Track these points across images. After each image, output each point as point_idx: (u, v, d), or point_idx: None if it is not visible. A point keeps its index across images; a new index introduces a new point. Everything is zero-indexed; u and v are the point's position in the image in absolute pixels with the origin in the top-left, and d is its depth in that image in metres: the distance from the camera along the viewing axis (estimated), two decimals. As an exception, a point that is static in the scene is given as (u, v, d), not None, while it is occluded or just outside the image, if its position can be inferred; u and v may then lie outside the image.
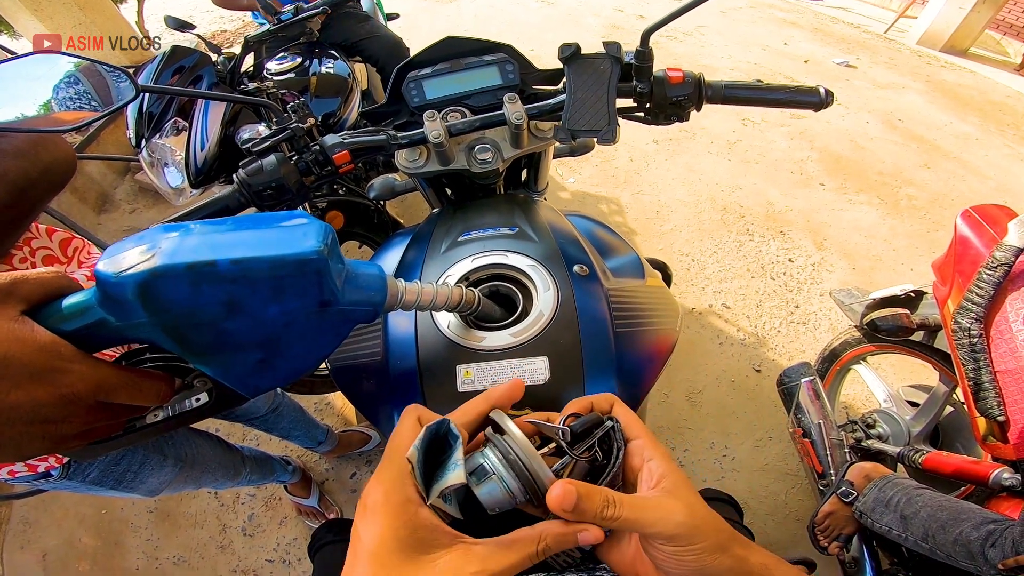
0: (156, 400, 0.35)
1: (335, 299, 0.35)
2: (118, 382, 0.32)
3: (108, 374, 0.31)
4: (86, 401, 0.30)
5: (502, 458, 0.35)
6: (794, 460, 1.74)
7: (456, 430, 0.35)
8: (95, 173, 2.88)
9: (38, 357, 0.28)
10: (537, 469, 0.34)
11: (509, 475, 0.35)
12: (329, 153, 0.69)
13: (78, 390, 0.30)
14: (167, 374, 0.36)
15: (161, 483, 1.00)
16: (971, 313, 0.99)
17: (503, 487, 0.35)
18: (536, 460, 0.34)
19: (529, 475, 0.34)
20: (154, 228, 0.33)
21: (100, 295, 0.30)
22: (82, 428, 0.31)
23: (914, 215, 2.64)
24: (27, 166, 0.62)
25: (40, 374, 0.28)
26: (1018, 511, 0.82)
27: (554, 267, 0.59)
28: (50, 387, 0.28)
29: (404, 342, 0.56)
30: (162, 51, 1.40)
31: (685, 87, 0.71)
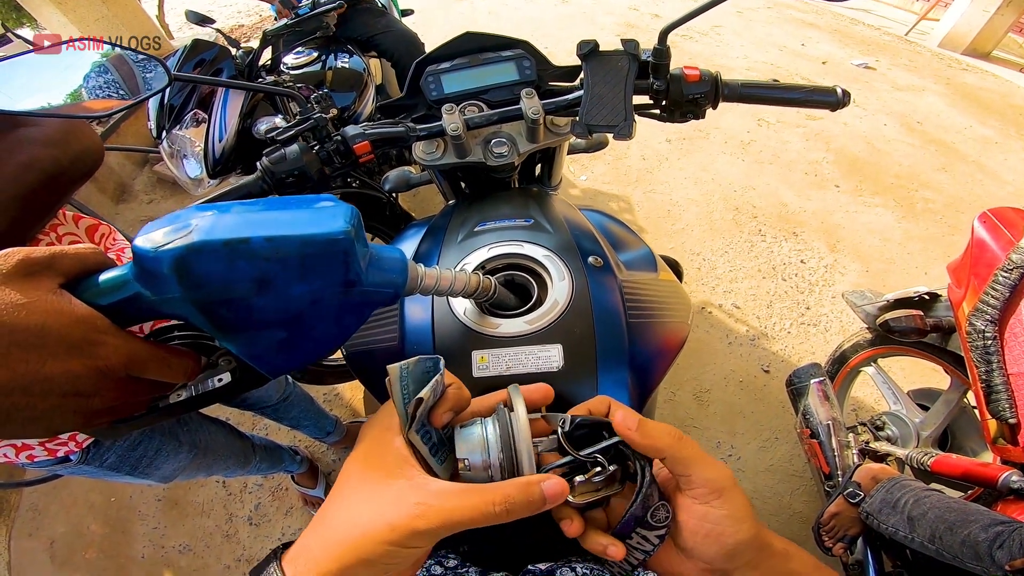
0: (183, 377, 0.36)
1: (359, 280, 0.36)
2: (149, 357, 0.33)
3: (140, 348, 0.32)
4: (118, 374, 0.31)
5: (497, 430, 0.35)
6: (799, 461, 1.74)
7: (441, 364, 0.36)
8: (114, 164, 2.93)
9: (75, 329, 0.29)
10: (523, 453, 0.34)
11: (496, 448, 0.35)
12: (350, 143, 0.71)
13: (111, 363, 0.30)
14: (194, 352, 0.37)
15: (175, 469, 1.01)
16: (986, 315, 0.99)
17: (484, 456, 0.35)
18: (527, 445, 0.34)
19: (514, 456, 0.34)
20: (189, 208, 0.35)
21: (137, 270, 0.31)
22: (111, 403, 0.32)
23: (930, 219, 2.61)
24: (58, 154, 0.64)
25: (76, 346, 0.29)
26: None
27: (569, 258, 0.60)
28: (85, 359, 0.29)
29: (420, 327, 0.57)
30: (184, 45, 1.43)
31: (702, 85, 0.71)
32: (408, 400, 0.34)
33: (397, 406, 0.34)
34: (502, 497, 0.30)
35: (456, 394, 0.37)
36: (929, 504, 0.94)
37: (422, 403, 0.34)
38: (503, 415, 0.36)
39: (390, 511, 0.29)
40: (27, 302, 0.28)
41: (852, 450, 1.28)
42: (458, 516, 0.29)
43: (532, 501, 0.31)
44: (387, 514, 0.29)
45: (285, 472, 1.60)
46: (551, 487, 0.31)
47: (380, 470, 0.32)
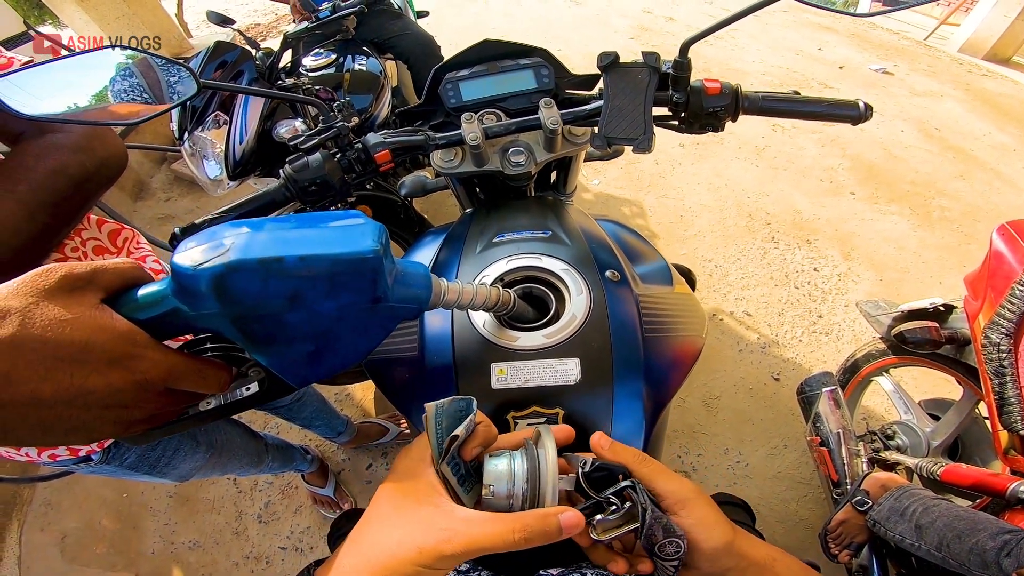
0: (217, 388, 0.37)
1: (385, 296, 0.37)
2: (186, 370, 0.34)
3: (178, 362, 0.34)
4: (156, 387, 0.32)
5: (524, 464, 0.37)
6: (807, 469, 1.73)
7: (474, 405, 0.38)
8: (133, 162, 2.97)
9: (117, 344, 0.30)
10: (548, 486, 0.36)
11: (522, 480, 0.37)
12: (371, 152, 0.72)
13: (151, 376, 0.32)
14: (227, 364, 0.38)
15: (192, 469, 1.03)
16: (1002, 328, 0.99)
17: (509, 487, 0.37)
18: (552, 480, 0.36)
19: (537, 489, 0.36)
20: (221, 225, 0.36)
21: (175, 286, 0.33)
22: (149, 413, 0.33)
23: (946, 227, 2.57)
24: (84, 160, 0.65)
25: (117, 360, 0.30)
26: None
27: (586, 271, 0.61)
28: (126, 373, 0.30)
29: (440, 338, 0.58)
30: (206, 47, 1.45)
31: (722, 98, 0.71)
32: (442, 436, 0.36)
33: (431, 440, 0.36)
34: (522, 526, 0.32)
35: (485, 431, 0.40)
36: (937, 512, 0.94)
37: (456, 440, 0.36)
38: (531, 450, 0.38)
39: (419, 535, 0.32)
40: (71, 318, 0.29)
41: (861, 459, 1.28)
42: (481, 542, 0.31)
43: (549, 531, 0.33)
44: (417, 538, 0.32)
45: (296, 471, 1.61)
46: (568, 519, 0.33)
47: (412, 498, 0.35)
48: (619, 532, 0.37)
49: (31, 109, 0.50)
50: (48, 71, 0.55)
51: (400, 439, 1.81)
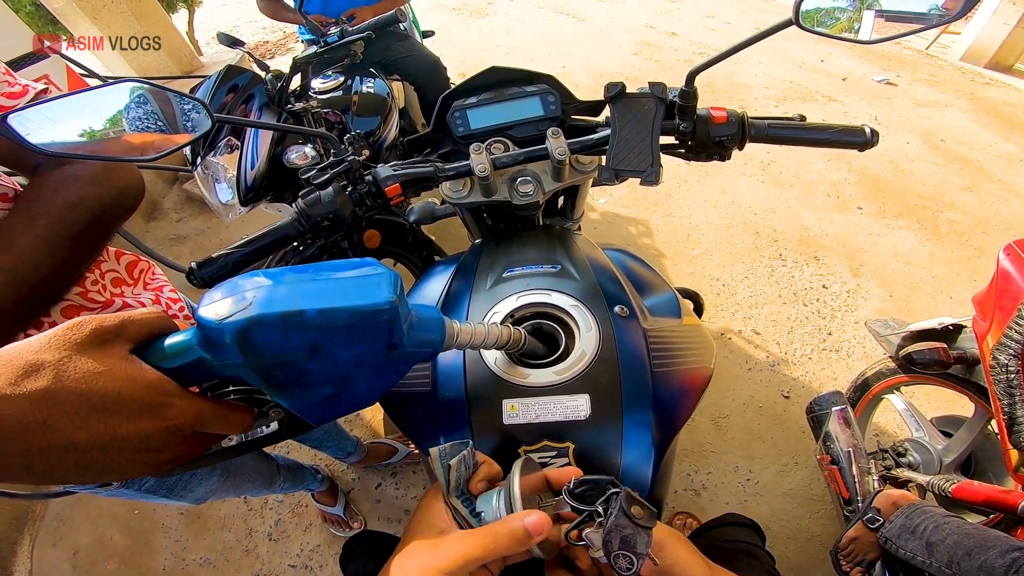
0: (240, 429, 0.39)
1: (401, 343, 0.39)
2: (212, 414, 0.36)
3: (204, 407, 0.35)
4: (185, 432, 0.34)
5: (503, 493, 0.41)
6: (818, 486, 1.72)
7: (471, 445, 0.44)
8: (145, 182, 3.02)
9: (147, 394, 0.32)
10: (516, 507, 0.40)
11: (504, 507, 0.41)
12: (382, 185, 0.73)
13: (179, 423, 0.33)
14: (249, 406, 0.40)
15: (208, 492, 1.04)
16: (1009, 350, 0.99)
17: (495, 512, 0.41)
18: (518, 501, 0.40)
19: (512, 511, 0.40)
20: (243, 276, 0.37)
21: (201, 337, 0.34)
22: (177, 455, 0.35)
23: (955, 241, 2.56)
24: (102, 192, 0.65)
25: (148, 409, 0.32)
26: None
27: (595, 307, 0.62)
28: (156, 420, 0.32)
29: (453, 375, 0.58)
30: (217, 71, 1.48)
31: (728, 127, 0.72)
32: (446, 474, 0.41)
33: (439, 478, 0.41)
34: (491, 532, 0.37)
35: (487, 469, 0.45)
36: (948, 530, 0.94)
37: (451, 470, 0.41)
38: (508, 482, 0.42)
39: (427, 558, 0.37)
40: (103, 370, 0.30)
41: (873, 476, 1.28)
42: (467, 553, 0.36)
43: (516, 534, 0.36)
44: (425, 560, 0.36)
45: (307, 490, 1.62)
46: (532, 521, 0.37)
47: (425, 529, 0.41)
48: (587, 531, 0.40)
49: (48, 144, 0.51)
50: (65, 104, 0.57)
51: (409, 459, 1.81)
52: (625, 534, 0.37)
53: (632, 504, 0.38)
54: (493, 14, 5.48)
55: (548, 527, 0.37)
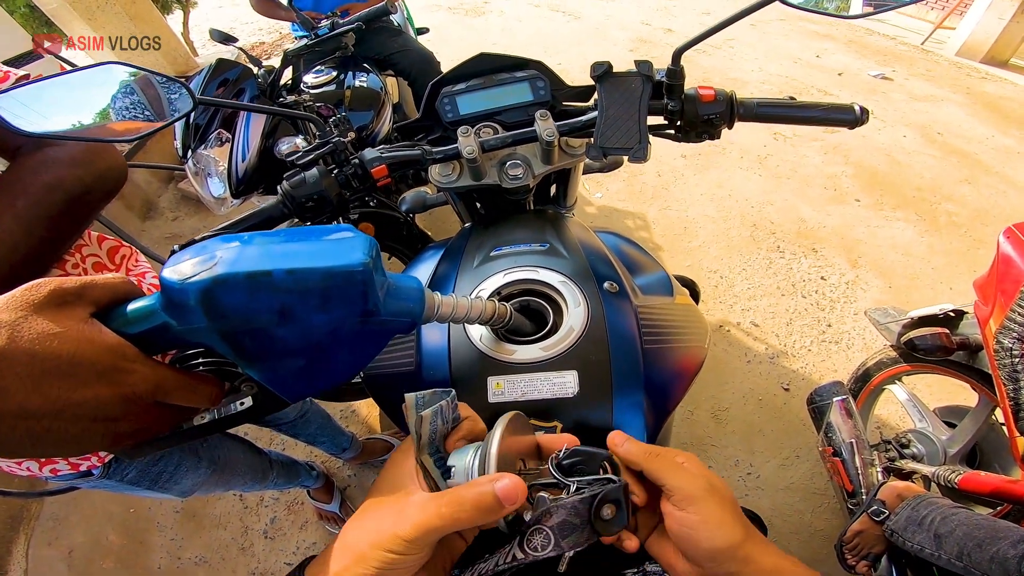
0: (208, 402, 0.37)
1: (377, 310, 0.37)
2: (175, 384, 0.34)
3: (167, 376, 0.33)
4: (145, 401, 0.32)
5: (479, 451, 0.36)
6: (821, 479, 1.70)
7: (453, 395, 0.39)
8: (141, 181, 3.01)
9: (105, 357, 0.30)
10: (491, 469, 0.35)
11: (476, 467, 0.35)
12: (368, 167, 0.72)
13: (139, 390, 0.32)
14: (218, 378, 0.38)
15: (194, 485, 1.02)
16: (1013, 333, 0.97)
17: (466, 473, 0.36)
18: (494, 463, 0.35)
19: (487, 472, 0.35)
20: (213, 239, 0.36)
21: (164, 301, 0.32)
22: (138, 427, 0.33)
23: (954, 232, 2.55)
24: (82, 174, 0.65)
25: (106, 373, 0.30)
26: None
27: (584, 283, 0.60)
28: (114, 386, 0.30)
29: (437, 353, 0.57)
30: (208, 64, 1.47)
31: (717, 105, 0.71)
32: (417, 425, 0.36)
33: (411, 429, 0.36)
34: (456, 499, 0.32)
35: (470, 425, 0.40)
36: (957, 521, 0.93)
37: (423, 421, 0.36)
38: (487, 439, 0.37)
39: (386, 522, 0.32)
40: (60, 331, 0.29)
41: (876, 468, 1.26)
42: (428, 521, 0.31)
43: (484, 501, 0.31)
44: (383, 524, 0.32)
45: (301, 487, 1.60)
46: (503, 486, 0.31)
47: (389, 488, 0.36)
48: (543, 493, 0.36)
49: (31, 126, 0.50)
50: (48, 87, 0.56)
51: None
52: (571, 522, 0.34)
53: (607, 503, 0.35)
54: (489, 13, 5.48)
55: (523, 496, 0.32)
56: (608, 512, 0.34)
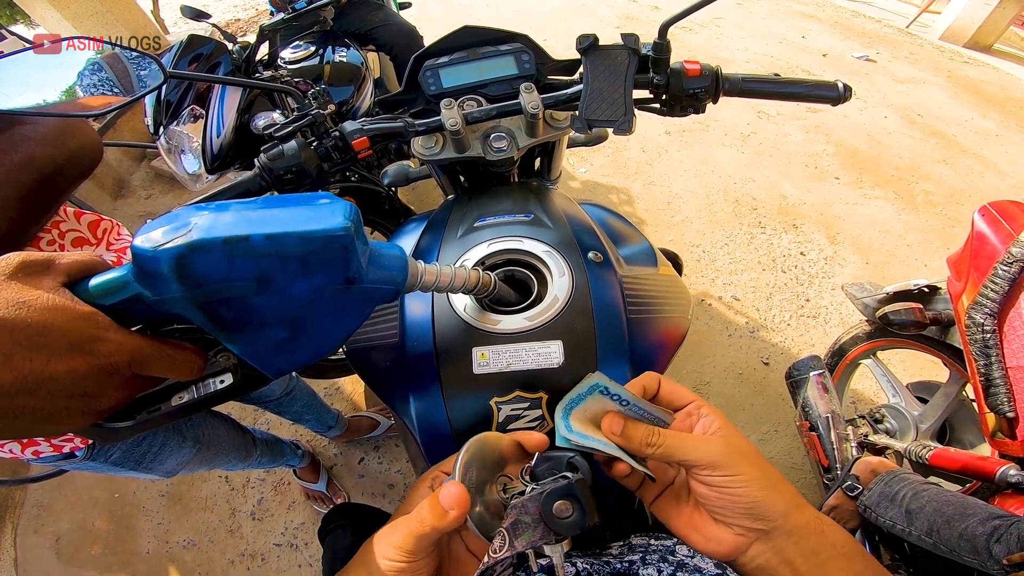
0: (188, 373, 0.36)
1: (359, 277, 0.36)
2: (153, 353, 0.33)
3: (144, 344, 0.32)
4: (123, 373, 0.31)
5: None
6: (799, 454, 1.74)
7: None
8: (112, 160, 2.92)
9: (76, 325, 0.29)
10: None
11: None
12: (348, 139, 0.70)
13: (115, 360, 0.30)
14: (199, 347, 0.37)
15: (179, 464, 1.01)
16: (985, 308, 0.99)
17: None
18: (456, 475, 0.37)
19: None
20: (186, 207, 0.35)
21: (136, 270, 0.31)
22: (117, 402, 0.32)
23: (930, 211, 2.60)
24: (53, 152, 0.63)
25: (79, 344, 0.29)
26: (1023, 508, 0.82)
27: (569, 253, 0.60)
28: (89, 358, 0.29)
29: (421, 324, 0.57)
30: (179, 40, 1.41)
31: (702, 79, 0.71)
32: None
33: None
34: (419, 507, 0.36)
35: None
36: (927, 497, 0.94)
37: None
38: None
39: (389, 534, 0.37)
40: (28, 300, 0.28)
41: (851, 443, 1.28)
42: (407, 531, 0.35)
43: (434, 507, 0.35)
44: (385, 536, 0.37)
45: (287, 466, 1.60)
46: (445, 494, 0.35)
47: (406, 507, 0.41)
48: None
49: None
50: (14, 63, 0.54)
51: (392, 432, 1.80)
52: (522, 521, 0.35)
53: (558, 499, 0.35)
54: (473, -11, 5.35)
55: (462, 501, 0.34)
56: (562, 508, 0.35)
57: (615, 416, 0.41)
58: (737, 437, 0.39)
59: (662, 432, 0.39)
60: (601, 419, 0.41)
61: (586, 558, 0.48)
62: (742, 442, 0.38)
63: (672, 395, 0.43)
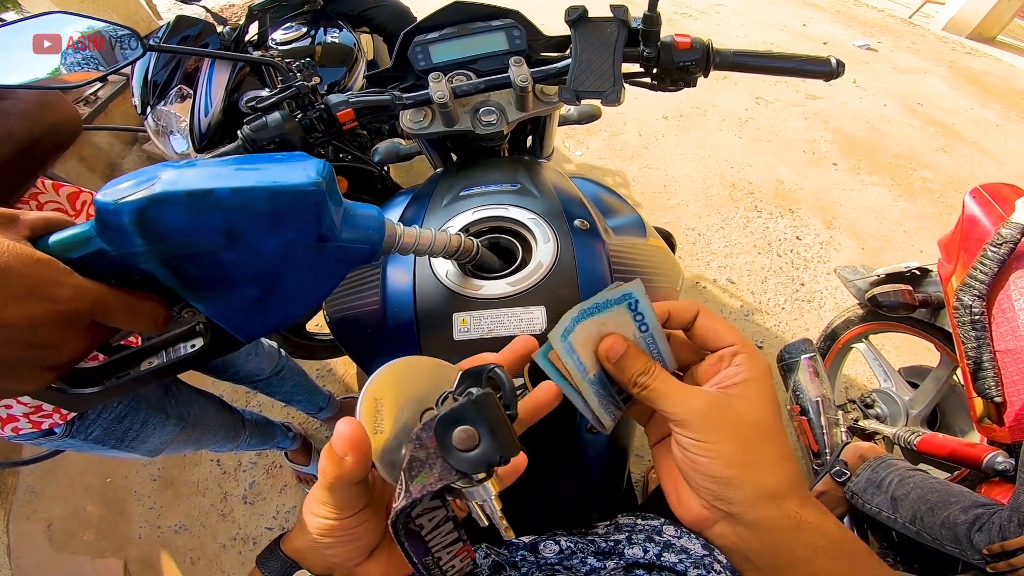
0: (153, 325, 0.34)
1: (333, 234, 0.35)
2: (115, 301, 0.32)
3: (105, 292, 0.31)
4: (83, 321, 0.30)
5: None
6: (791, 439, 1.74)
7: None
8: (103, 143, 2.89)
9: (34, 269, 0.28)
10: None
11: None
12: (333, 111, 0.69)
13: (75, 307, 0.29)
14: (163, 300, 0.35)
15: (162, 443, 1.01)
16: (974, 290, 0.98)
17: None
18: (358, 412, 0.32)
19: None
20: (155, 165, 0.34)
21: (99, 225, 0.30)
22: (78, 354, 0.31)
23: (927, 198, 2.60)
24: (31, 126, 0.64)
25: (37, 288, 0.28)
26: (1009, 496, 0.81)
27: (555, 221, 0.60)
28: (47, 303, 0.28)
29: (402, 291, 0.56)
30: (167, 21, 1.40)
31: (693, 53, 0.70)
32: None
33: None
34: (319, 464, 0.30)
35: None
36: (912, 484, 0.94)
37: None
38: None
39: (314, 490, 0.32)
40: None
41: (841, 428, 1.27)
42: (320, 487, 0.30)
43: (328, 450, 0.29)
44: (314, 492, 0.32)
45: (277, 448, 1.59)
46: (335, 438, 0.29)
47: None
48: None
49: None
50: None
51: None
52: (417, 457, 0.28)
53: (454, 425, 0.27)
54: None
55: (354, 441, 0.28)
56: (463, 437, 0.27)
57: (619, 339, 0.34)
58: (743, 401, 0.32)
59: (656, 372, 0.33)
60: (601, 340, 0.35)
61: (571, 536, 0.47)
62: (744, 408, 0.31)
63: (708, 332, 0.35)
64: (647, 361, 0.34)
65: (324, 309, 0.62)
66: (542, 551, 0.46)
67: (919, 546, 0.93)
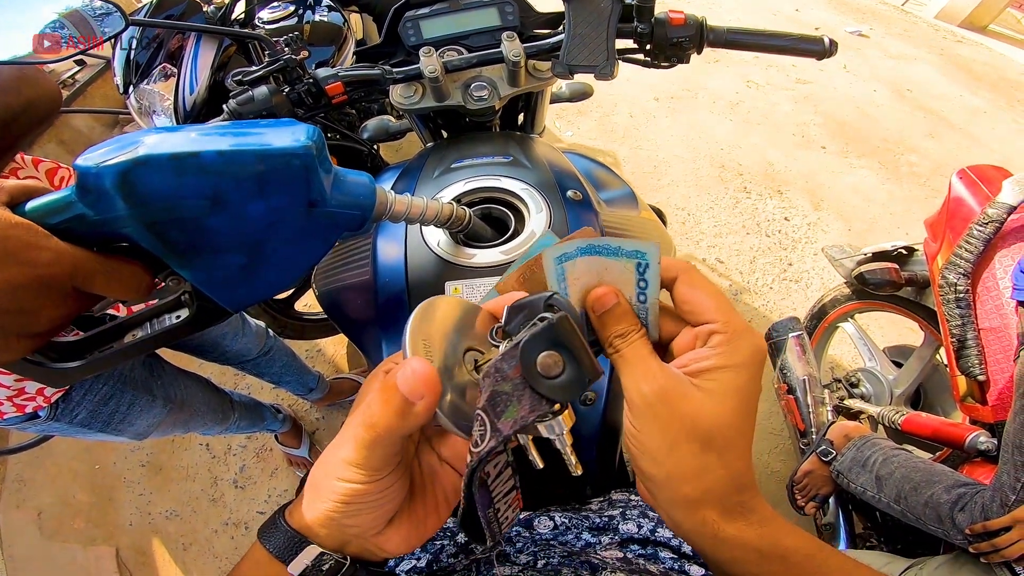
0: (136, 292, 0.34)
1: (322, 200, 0.35)
2: (96, 266, 0.31)
3: (85, 256, 0.31)
4: (63, 287, 0.30)
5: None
6: (778, 420, 1.76)
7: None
8: (83, 126, 2.82)
9: (13, 232, 0.27)
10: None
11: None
12: (322, 84, 0.69)
13: (54, 272, 0.29)
14: (147, 266, 0.34)
15: (150, 425, 0.99)
16: (959, 268, 1.00)
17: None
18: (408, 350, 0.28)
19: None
20: (139, 131, 0.33)
21: (79, 189, 0.30)
22: (58, 322, 0.31)
23: (914, 182, 2.62)
24: (9, 101, 0.62)
25: (15, 252, 0.27)
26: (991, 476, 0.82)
27: (548, 192, 0.59)
28: (26, 267, 0.28)
29: (394, 261, 0.56)
30: (150, 1, 1.36)
31: (686, 29, 0.70)
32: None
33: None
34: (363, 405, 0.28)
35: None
36: (896, 463, 0.95)
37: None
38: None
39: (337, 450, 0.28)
40: None
41: (827, 407, 1.28)
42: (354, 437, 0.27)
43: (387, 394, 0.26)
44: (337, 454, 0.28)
45: (267, 431, 1.58)
46: (403, 376, 0.25)
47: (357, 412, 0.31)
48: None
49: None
50: None
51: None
52: (501, 391, 0.24)
53: (542, 351, 0.25)
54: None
55: (430, 382, 0.25)
56: (548, 363, 0.24)
57: (612, 292, 0.29)
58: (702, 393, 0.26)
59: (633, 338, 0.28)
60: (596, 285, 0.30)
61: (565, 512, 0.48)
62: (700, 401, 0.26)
63: (687, 304, 0.29)
64: (630, 324, 0.29)
65: (314, 284, 0.62)
66: (536, 527, 0.46)
67: (903, 526, 0.95)
